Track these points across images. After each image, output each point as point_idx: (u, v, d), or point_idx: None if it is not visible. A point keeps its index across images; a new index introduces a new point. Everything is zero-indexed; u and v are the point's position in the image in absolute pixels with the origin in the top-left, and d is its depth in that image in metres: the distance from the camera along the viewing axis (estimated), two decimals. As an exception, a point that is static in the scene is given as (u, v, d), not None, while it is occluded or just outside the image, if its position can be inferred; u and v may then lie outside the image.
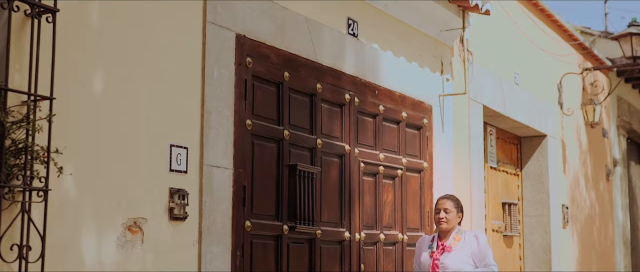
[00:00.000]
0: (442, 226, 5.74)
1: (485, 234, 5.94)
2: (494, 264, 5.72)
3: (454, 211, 5.77)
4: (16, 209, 3.83)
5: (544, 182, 10.33)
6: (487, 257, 5.70)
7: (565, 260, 10.82)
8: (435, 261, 5.69)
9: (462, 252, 5.66)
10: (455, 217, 5.77)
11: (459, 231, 5.78)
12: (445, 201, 5.82)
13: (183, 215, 4.87)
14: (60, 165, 3.96)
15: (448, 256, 5.66)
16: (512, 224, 9.86)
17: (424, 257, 5.78)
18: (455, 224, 5.78)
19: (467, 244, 5.69)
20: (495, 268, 5.70)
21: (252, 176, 5.52)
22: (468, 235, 5.77)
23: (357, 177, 6.60)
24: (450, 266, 5.62)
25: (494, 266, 5.71)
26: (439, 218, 5.76)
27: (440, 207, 5.79)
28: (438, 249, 5.73)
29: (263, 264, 5.59)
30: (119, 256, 4.47)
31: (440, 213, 5.76)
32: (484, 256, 5.68)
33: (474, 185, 8.34)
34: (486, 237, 5.86)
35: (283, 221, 5.77)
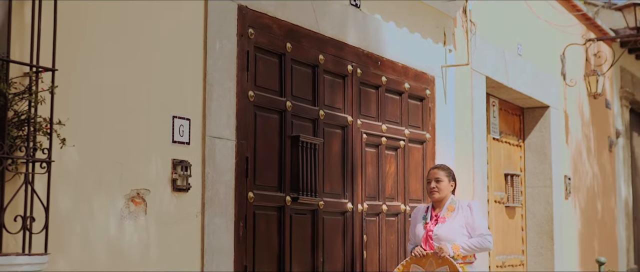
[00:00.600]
0: (435, 195, 5.72)
1: (478, 204, 5.88)
2: (488, 233, 5.68)
3: (446, 180, 5.73)
4: (19, 181, 3.84)
5: (547, 154, 10.34)
6: (481, 227, 5.66)
7: (567, 231, 10.85)
8: (428, 232, 5.66)
9: (456, 222, 5.63)
10: (447, 187, 5.74)
11: (452, 201, 5.74)
12: (436, 170, 5.79)
13: (186, 186, 4.88)
14: (63, 136, 3.97)
15: (441, 226, 5.63)
16: (514, 195, 9.87)
17: (418, 228, 5.75)
18: (447, 193, 5.75)
19: (461, 214, 5.66)
20: (490, 237, 5.66)
21: (254, 147, 5.53)
22: (462, 205, 5.73)
23: (360, 148, 6.60)
24: (444, 237, 5.58)
25: (488, 235, 5.66)
26: (431, 188, 5.74)
27: (431, 177, 5.76)
28: (431, 220, 5.71)
29: (266, 235, 5.61)
30: (122, 227, 4.49)
31: (432, 183, 5.73)
32: (478, 226, 5.65)
33: (476, 156, 8.35)
34: (480, 207, 5.84)
35: (286, 192, 5.79)
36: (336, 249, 6.28)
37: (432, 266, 5.52)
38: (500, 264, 9.49)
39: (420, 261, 5.58)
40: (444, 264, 5.48)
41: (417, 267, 5.60)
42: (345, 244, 6.36)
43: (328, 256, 6.18)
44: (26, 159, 3.80)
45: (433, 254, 5.53)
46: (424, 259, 5.57)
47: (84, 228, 4.27)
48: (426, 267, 5.55)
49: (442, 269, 5.50)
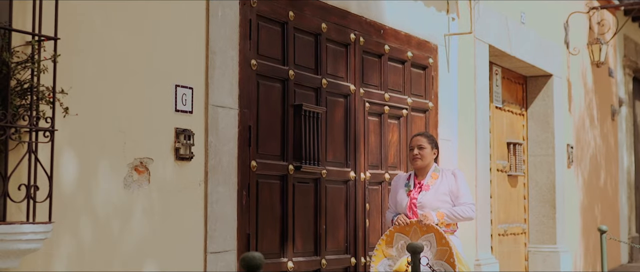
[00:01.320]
0: (417, 163, 5.65)
1: (462, 172, 5.80)
2: (472, 202, 5.63)
3: (429, 148, 5.66)
4: (23, 150, 3.85)
5: (549, 122, 10.33)
6: (465, 196, 5.61)
7: (569, 200, 10.87)
8: (412, 199, 5.59)
9: (440, 190, 5.57)
10: (430, 154, 5.66)
11: (436, 169, 5.68)
12: (419, 137, 5.71)
13: (189, 155, 4.89)
14: (65, 105, 3.97)
15: (426, 194, 5.57)
16: (516, 163, 9.88)
17: (400, 195, 5.68)
18: (430, 161, 5.68)
19: (445, 182, 5.60)
20: (473, 206, 5.61)
21: (257, 116, 5.53)
22: (446, 173, 5.67)
23: (362, 117, 6.60)
24: (428, 205, 5.53)
25: (471, 204, 5.61)
26: (413, 155, 5.66)
27: (414, 144, 5.69)
28: (415, 188, 5.63)
29: (268, 203, 5.62)
30: (126, 196, 4.51)
31: (415, 150, 5.66)
32: (462, 194, 5.59)
33: (479, 125, 8.34)
34: (464, 175, 5.76)
35: (288, 160, 5.80)
36: (339, 218, 6.30)
37: (417, 234, 5.44)
38: (502, 233, 9.52)
39: (404, 230, 5.50)
40: (429, 231, 5.39)
41: (401, 236, 5.51)
42: (348, 212, 6.38)
43: (330, 225, 6.20)
44: (29, 128, 3.80)
45: (417, 222, 5.45)
46: (408, 228, 5.49)
47: (87, 197, 4.28)
48: (410, 236, 5.46)
49: (427, 236, 5.42)
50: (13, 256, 3.76)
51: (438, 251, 5.35)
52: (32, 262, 3.96)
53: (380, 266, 5.52)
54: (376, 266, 5.53)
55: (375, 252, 5.57)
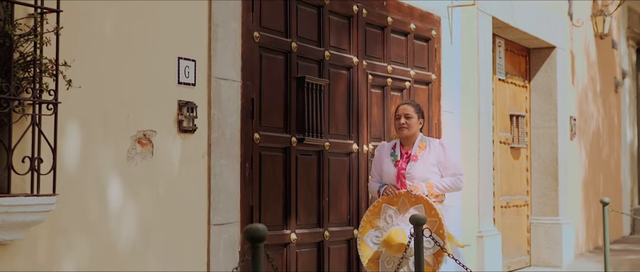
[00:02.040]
0: (404, 132, 5.57)
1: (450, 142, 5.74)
2: (461, 173, 5.59)
3: (415, 117, 5.59)
4: (26, 122, 3.86)
5: (552, 94, 10.32)
6: (454, 166, 5.57)
7: (571, 172, 10.88)
8: (400, 170, 5.53)
9: (428, 160, 5.51)
10: (416, 124, 5.59)
11: (422, 139, 5.62)
12: (406, 106, 5.63)
13: (192, 127, 4.90)
14: (69, 78, 3.97)
15: (414, 165, 5.50)
16: (519, 136, 9.88)
17: (387, 166, 5.60)
18: (416, 130, 5.61)
19: (433, 152, 5.54)
20: (462, 177, 5.58)
21: (260, 88, 5.53)
22: (433, 143, 5.61)
23: (365, 89, 6.60)
24: (417, 176, 5.46)
25: (460, 175, 5.57)
26: (400, 124, 5.58)
27: (400, 113, 5.61)
28: (403, 158, 5.56)
29: (271, 176, 5.64)
30: (129, 168, 4.52)
31: (401, 119, 5.58)
32: (451, 165, 5.55)
33: (482, 97, 8.34)
34: (451, 145, 5.70)
35: (291, 133, 5.80)
36: (341, 190, 6.32)
37: (405, 205, 5.39)
38: (505, 205, 9.54)
39: (392, 200, 5.45)
40: (418, 202, 5.34)
41: (389, 207, 5.46)
42: (351, 184, 6.40)
43: (333, 197, 6.22)
44: (33, 101, 3.81)
45: (405, 193, 5.39)
46: (396, 198, 5.43)
47: (91, 169, 4.30)
48: (398, 207, 5.42)
49: (416, 207, 5.36)
50: (18, 228, 3.78)
51: (427, 222, 5.23)
52: (37, 234, 3.98)
53: (367, 238, 5.49)
54: (363, 237, 5.49)
55: (362, 223, 5.53)
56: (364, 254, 5.48)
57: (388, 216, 5.43)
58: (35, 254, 4.00)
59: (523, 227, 10.15)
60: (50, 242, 4.07)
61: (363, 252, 5.49)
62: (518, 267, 9.86)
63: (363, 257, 5.49)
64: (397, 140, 5.69)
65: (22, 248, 3.92)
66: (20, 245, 3.91)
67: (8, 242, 3.81)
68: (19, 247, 3.90)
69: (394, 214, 5.40)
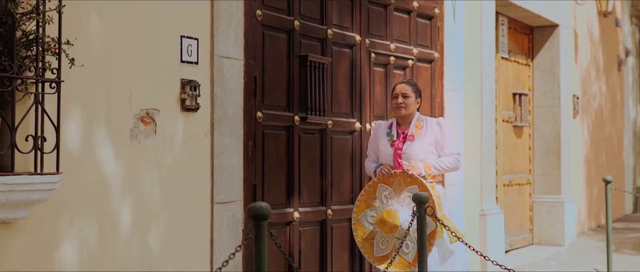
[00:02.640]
0: (401, 111, 5.47)
1: (448, 121, 5.60)
2: (458, 153, 5.50)
3: (413, 96, 5.49)
4: (29, 101, 3.86)
5: (555, 73, 10.30)
6: (451, 146, 5.47)
7: (574, 150, 10.88)
8: (397, 150, 5.43)
9: (425, 140, 5.42)
10: (414, 103, 5.50)
11: (419, 118, 5.52)
12: (403, 85, 5.52)
13: (195, 106, 4.89)
14: (71, 57, 3.96)
15: (411, 145, 5.41)
16: (522, 114, 9.87)
17: (383, 145, 5.51)
18: (414, 110, 5.51)
19: (430, 131, 5.44)
20: (460, 157, 5.50)
21: (262, 66, 5.52)
22: (430, 122, 5.51)
23: (368, 67, 6.59)
24: (414, 156, 5.38)
25: (457, 154, 5.47)
26: (397, 103, 5.48)
27: (398, 92, 5.51)
28: (399, 138, 5.47)
29: (274, 154, 5.64)
30: (132, 147, 4.52)
31: (399, 98, 5.48)
32: (448, 145, 5.45)
33: (485, 75, 8.32)
34: (448, 124, 5.60)
35: (294, 111, 5.80)
36: (344, 168, 6.32)
37: (401, 185, 5.30)
38: (507, 183, 9.55)
39: (388, 180, 5.36)
40: (413, 183, 5.26)
41: (384, 187, 5.38)
42: (354, 163, 6.40)
43: (336, 175, 6.22)
44: (36, 79, 3.80)
45: (401, 173, 5.30)
46: (391, 179, 5.34)
47: (94, 148, 4.30)
48: (394, 187, 5.32)
49: (411, 188, 5.27)
50: (22, 207, 3.79)
51: None
52: (41, 212, 4.00)
53: (362, 217, 5.43)
54: (358, 217, 5.43)
55: (357, 203, 5.46)
56: (358, 234, 5.43)
57: (384, 196, 5.38)
58: (39, 233, 4.01)
59: (525, 206, 10.16)
60: (54, 220, 4.08)
61: (357, 232, 5.43)
62: (520, 246, 9.89)
63: (357, 237, 5.43)
64: (394, 119, 5.60)
65: (26, 226, 3.94)
66: (24, 223, 3.92)
67: (12, 220, 3.82)
68: (22, 225, 3.91)
69: (389, 195, 5.35)
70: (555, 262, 9.00)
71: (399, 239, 5.21)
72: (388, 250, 5.31)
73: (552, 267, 8.61)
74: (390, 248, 5.30)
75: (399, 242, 5.20)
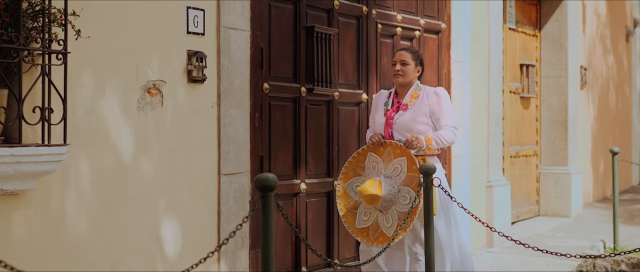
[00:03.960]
0: (399, 79, 5.27)
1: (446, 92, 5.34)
2: (454, 125, 5.22)
3: (413, 64, 5.28)
4: (36, 73, 3.86)
5: (563, 43, 10.25)
6: (447, 117, 5.20)
7: (581, 121, 10.86)
8: (388, 120, 5.25)
9: (419, 110, 5.20)
10: (413, 71, 5.28)
11: (417, 87, 5.30)
12: (403, 52, 5.32)
13: (201, 77, 4.89)
14: (78, 28, 3.95)
15: (403, 114, 5.22)
16: (529, 85, 9.84)
17: (378, 115, 5.33)
18: (413, 78, 5.30)
19: (426, 101, 5.22)
20: (456, 131, 5.22)
21: (269, 38, 5.51)
22: (428, 91, 5.27)
23: (375, 38, 6.56)
24: (405, 126, 5.18)
25: (454, 127, 5.20)
26: (395, 71, 5.28)
27: (397, 59, 5.31)
28: (393, 107, 5.30)
29: (281, 125, 5.64)
30: (139, 118, 4.52)
31: (397, 65, 5.28)
32: (445, 116, 5.19)
33: (492, 46, 8.29)
34: (448, 95, 5.36)
35: (301, 83, 5.79)
36: (351, 140, 6.32)
37: (390, 156, 5.13)
38: (514, 155, 9.54)
39: (378, 150, 5.18)
40: (402, 155, 5.07)
41: (374, 156, 5.20)
42: (360, 134, 6.40)
43: (343, 147, 6.22)
44: (42, 51, 3.80)
45: (391, 143, 5.13)
46: (382, 148, 5.17)
47: (101, 119, 4.30)
48: (384, 157, 5.15)
49: (399, 160, 5.08)
50: (29, 178, 3.80)
51: (407, 177, 5.04)
52: (48, 184, 4.01)
53: (349, 186, 5.26)
54: (344, 185, 5.26)
55: (344, 170, 5.29)
56: (341, 203, 5.26)
57: (373, 165, 5.19)
58: (47, 204, 4.03)
59: (532, 177, 10.16)
60: (62, 191, 4.09)
61: (340, 200, 5.26)
62: (527, 217, 9.90)
63: (340, 205, 5.26)
64: (393, 89, 5.45)
65: (34, 198, 3.95)
66: (32, 195, 3.94)
67: (20, 191, 3.83)
68: (30, 196, 3.93)
69: (378, 164, 5.15)
70: (562, 233, 9.02)
71: (381, 211, 5.07)
72: (370, 222, 5.15)
73: (558, 239, 8.63)
74: (372, 220, 5.14)
75: (382, 215, 5.08)
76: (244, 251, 5.24)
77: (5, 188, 3.72)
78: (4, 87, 3.71)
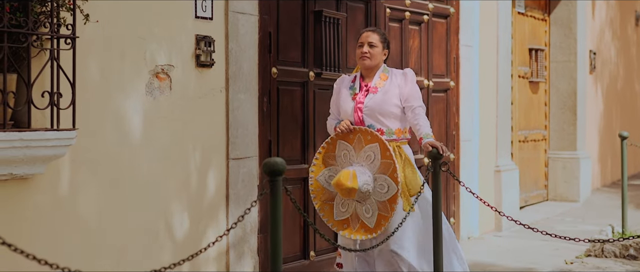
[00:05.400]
0: (366, 62, 4.95)
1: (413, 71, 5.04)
2: (422, 105, 4.92)
3: (380, 47, 4.98)
4: (45, 57, 3.86)
5: (572, 28, 10.21)
6: (415, 98, 4.92)
7: (590, 106, 10.83)
8: (358, 104, 4.92)
9: (390, 92, 4.91)
10: (380, 54, 4.98)
11: (385, 69, 5.02)
12: (370, 33, 5.01)
13: (210, 62, 4.89)
14: (86, 12, 3.96)
15: (373, 97, 4.90)
16: (538, 70, 9.81)
17: (344, 100, 5.00)
18: (380, 61, 5.00)
19: (395, 83, 4.94)
20: (422, 110, 4.91)
21: (277, 22, 5.50)
22: (396, 73, 5.01)
23: (383, 22, 6.54)
24: (377, 109, 4.87)
25: (421, 107, 4.91)
26: (362, 53, 4.96)
27: (364, 41, 4.98)
28: (361, 91, 4.98)
29: (289, 110, 5.64)
30: (148, 103, 4.53)
31: (364, 47, 4.95)
32: (413, 97, 4.91)
33: (501, 30, 8.26)
34: (414, 74, 5.04)
35: (309, 67, 5.78)
36: (359, 124, 6.31)
37: (361, 142, 4.83)
38: (523, 139, 9.52)
39: (347, 137, 4.87)
40: (374, 141, 4.77)
41: (344, 145, 4.88)
42: (369, 119, 6.39)
43: (351, 131, 6.21)
44: (51, 35, 3.80)
45: (361, 130, 4.83)
46: (351, 135, 4.86)
47: (110, 104, 4.31)
48: (354, 145, 4.85)
49: (371, 147, 4.79)
50: (39, 162, 3.81)
51: (381, 164, 4.76)
52: (57, 168, 4.02)
53: (320, 177, 4.93)
54: (316, 177, 4.94)
55: (314, 162, 4.97)
56: (315, 196, 4.91)
57: (344, 153, 4.89)
58: (56, 188, 4.04)
59: (541, 162, 10.15)
60: (71, 176, 4.11)
61: (315, 193, 4.90)
62: (535, 202, 9.89)
63: (315, 199, 4.92)
64: (358, 73, 5.10)
65: (43, 182, 3.97)
66: (41, 179, 3.95)
67: (29, 176, 3.85)
68: (39, 181, 3.94)
69: (349, 152, 4.87)
70: (570, 218, 9.01)
71: (359, 202, 4.82)
72: (348, 213, 4.88)
73: (566, 223, 8.62)
74: (351, 211, 4.87)
75: (361, 206, 4.83)
76: (252, 235, 5.25)
77: (15, 172, 3.74)
78: (13, 71, 3.72)
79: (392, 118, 4.91)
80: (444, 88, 7.36)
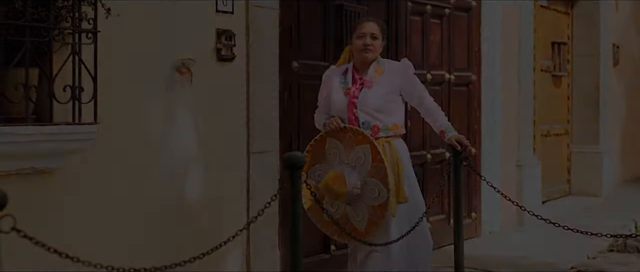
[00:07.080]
0: (368, 55, 4.61)
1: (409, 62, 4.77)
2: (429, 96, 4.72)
3: (381, 38, 4.66)
4: (66, 51, 3.87)
5: (595, 21, 10.13)
6: (422, 90, 4.70)
7: (613, 100, 10.75)
8: (352, 99, 4.59)
9: (387, 86, 4.60)
10: (381, 46, 4.67)
11: (380, 62, 4.68)
12: (372, 24, 4.67)
13: (230, 56, 4.89)
14: (107, 6, 3.96)
15: (368, 92, 4.57)
16: (561, 63, 9.75)
17: (336, 94, 4.66)
18: (378, 54, 4.70)
19: (392, 76, 4.63)
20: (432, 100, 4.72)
21: (298, 16, 5.49)
22: (392, 66, 4.70)
23: (404, 16, 6.52)
24: (372, 104, 4.55)
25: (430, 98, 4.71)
26: (364, 45, 4.60)
27: (365, 31, 4.62)
28: (355, 85, 4.64)
29: (310, 104, 5.63)
30: (168, 97, 4.54)
31: (366, 38, 4.61)
32: (421, 90, 4.69)
33: (523, 24, 8.21)
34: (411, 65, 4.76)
35: (330, 61, 5.77)
36: (380, 118, 6.29)
37: (351, 142, 4.53)
38: (545, 133, 9.47)
39: (338, 135, 4.57)
40: (364, 142, 4.48)
41: (335, 143, 4.59)
42: (390, 113, 6.37)
43: (372, 125, 6.20)
44: (72, 30, 3.81)
45: (351, 129, 4.54)
46: (342, 133, 4.56)
47: (131, 98, 4.32)
48: (344, 144, 4.56)
49: (362, 148, 4.49)
50: (60, 156, 3.83)
51: (372, 168, 4.46)
52: (79, 162, 4.04)
53: (310, 174, 4.64)
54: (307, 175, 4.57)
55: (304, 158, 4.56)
56: (305, 195, 4.30)
57: (334, 151, 4.60)
58: (77, 182, 4.06)
59: (563, 156, 10.09)
60: (92, 170, 4.12)
61: (305, 191, 4.17)
62: (557, 196, 9.84)
63: (305, 197, 4.33)
64: (350, 64, 4.76)
65: (64, 176, 3.98)
66: (62, 172, 3.97)
67: (51, 169, 3.87)
68: (60, 174, 3.96)
69: (339, 150, 4.58)
70: (593, 212, 8.96)
71: (349, 204, 4.57)
72: (338, 214, 4.60)
73: (589, 218, 8.57)
74: (341, 213, 4.61)
75: (350, 208, 4.58)
76: (272, 229, 5.26)
77: (36, 166, 3.76)
78: (35, 66, 3.73)
79: (389, 113, 4.62)
80: (466, 82, 7.32)
